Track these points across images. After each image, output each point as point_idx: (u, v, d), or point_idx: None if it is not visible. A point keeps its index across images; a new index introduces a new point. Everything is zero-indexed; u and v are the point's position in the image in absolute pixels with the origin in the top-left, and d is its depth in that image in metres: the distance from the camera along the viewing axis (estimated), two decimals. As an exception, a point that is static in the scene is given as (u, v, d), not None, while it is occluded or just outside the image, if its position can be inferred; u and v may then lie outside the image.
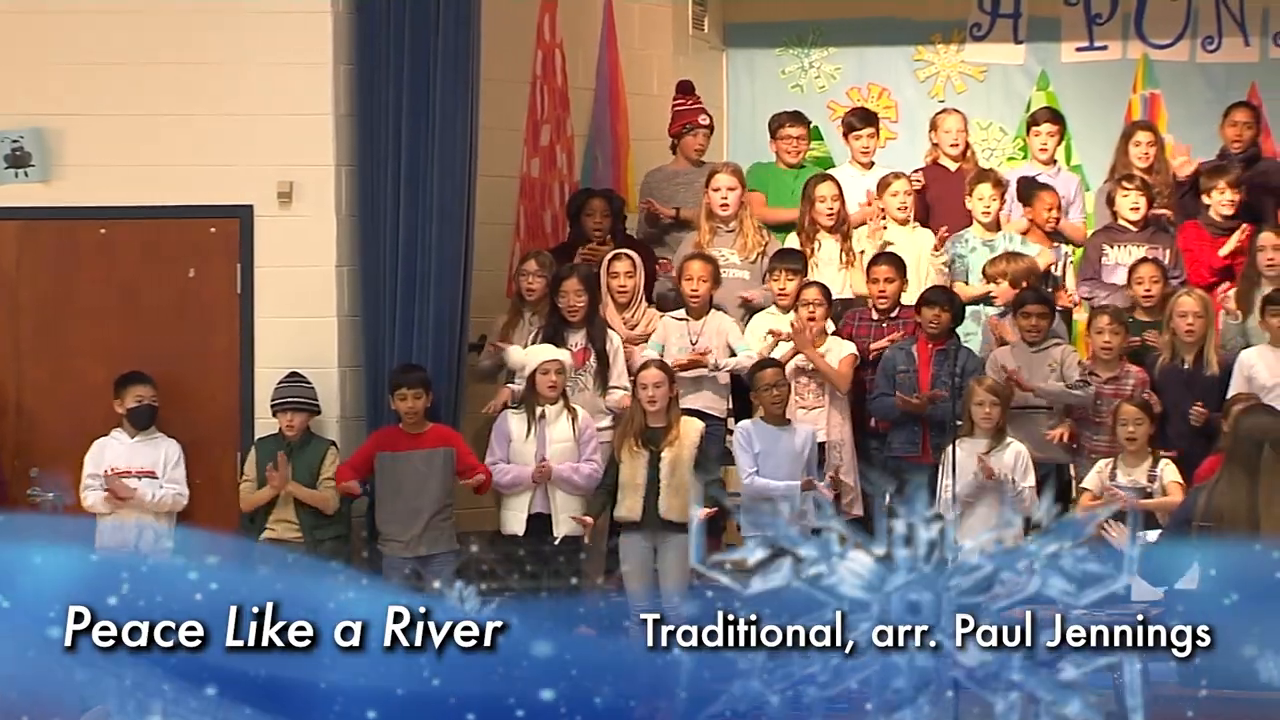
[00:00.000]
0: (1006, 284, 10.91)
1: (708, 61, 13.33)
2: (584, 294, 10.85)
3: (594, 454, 10.58)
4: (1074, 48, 13.05)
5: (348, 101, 10.84)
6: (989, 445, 10.12)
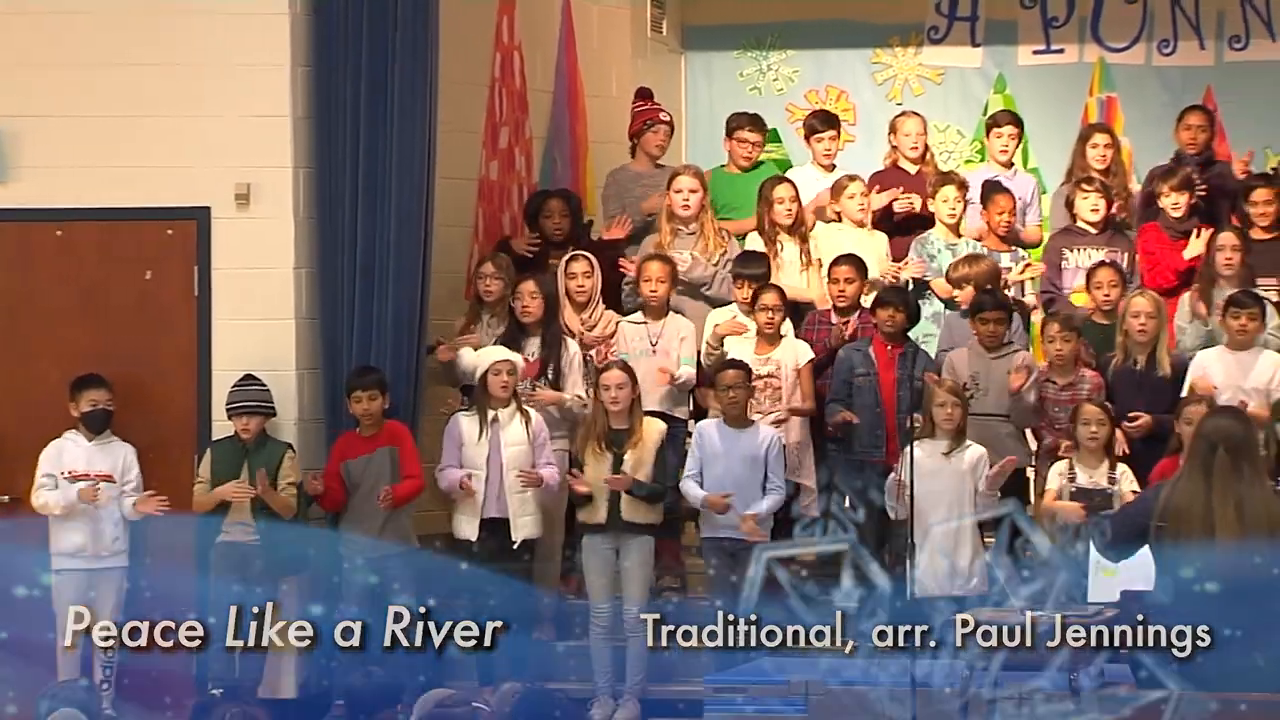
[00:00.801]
0: (970, 288, 10.93)
1: (666, 64, 13.34)
2: (539, 297, 10.85)
3: (551, 457, 10.58)
4: (1030, 51, 13.09)
5: (305, 103, 10.83)
6: (949, 446, 10.14)
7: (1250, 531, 7.35)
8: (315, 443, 10.76)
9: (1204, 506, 7.40)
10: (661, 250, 11.24)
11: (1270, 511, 7.41)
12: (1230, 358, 10.40)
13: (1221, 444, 7.47)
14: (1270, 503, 7.44)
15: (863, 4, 13.19)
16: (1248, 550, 7.32)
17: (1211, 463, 7.45)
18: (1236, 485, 7.41)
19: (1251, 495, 7.41)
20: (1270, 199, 11.11)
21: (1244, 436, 7.53)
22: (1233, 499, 7.39)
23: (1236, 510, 7.38)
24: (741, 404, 10.45)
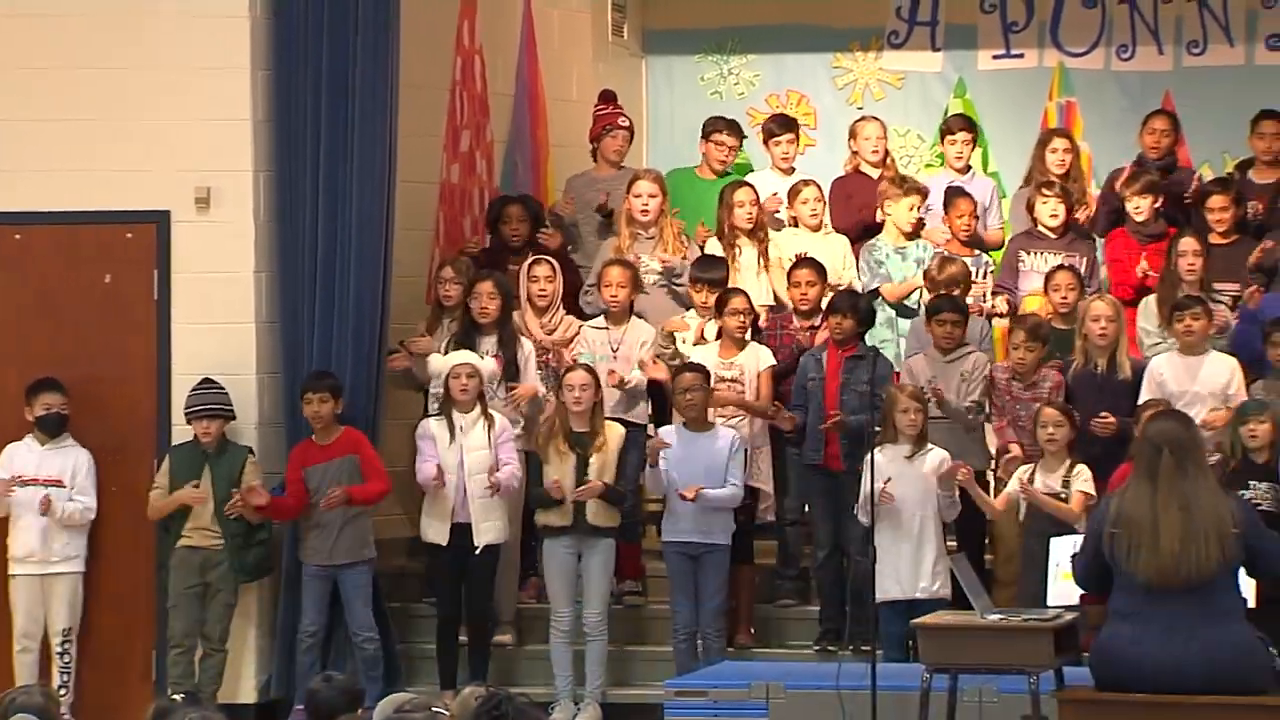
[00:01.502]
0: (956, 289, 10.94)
1: (627, 68, 13.34)
2: (497, 298, 10.84)
3: (512, 455, 10.56)
4: (990, 55, 13.11)
5: (266, 107, 10.81)
6: (912, 451, 10.16)
7: (1198, 532, 7.37)
8: (275, 447, 10.74)
9: (1151, 510, 7.43)
10: (621, 255, 11.24)
11: (1217, 512, 7.43)
12: (1180, 362, 10.43)
13: (1166, 446, 7.50)
14: (1216, 503, 7.46)
15: (823, 9, 13.20)
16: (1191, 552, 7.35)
17: (1157, 466, 7.48)
18: (1181, 486, 7.43)
19: (1197, 496, 7.43)
20: (1227, 204, 11.15)
21: (1188, 438, 7.55)
22: (1177, 501, 7.41)
23: (1183, 512, 7.40)
24: (700, 406, 10.46)
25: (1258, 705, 7.47)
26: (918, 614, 8.89)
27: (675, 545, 10.44)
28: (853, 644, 10.24)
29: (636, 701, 10.45)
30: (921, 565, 10.09)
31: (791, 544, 11.04)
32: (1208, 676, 7.36)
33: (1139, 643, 7.41)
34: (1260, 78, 12.68)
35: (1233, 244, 11.13)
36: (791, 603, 11.01)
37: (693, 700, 9.02)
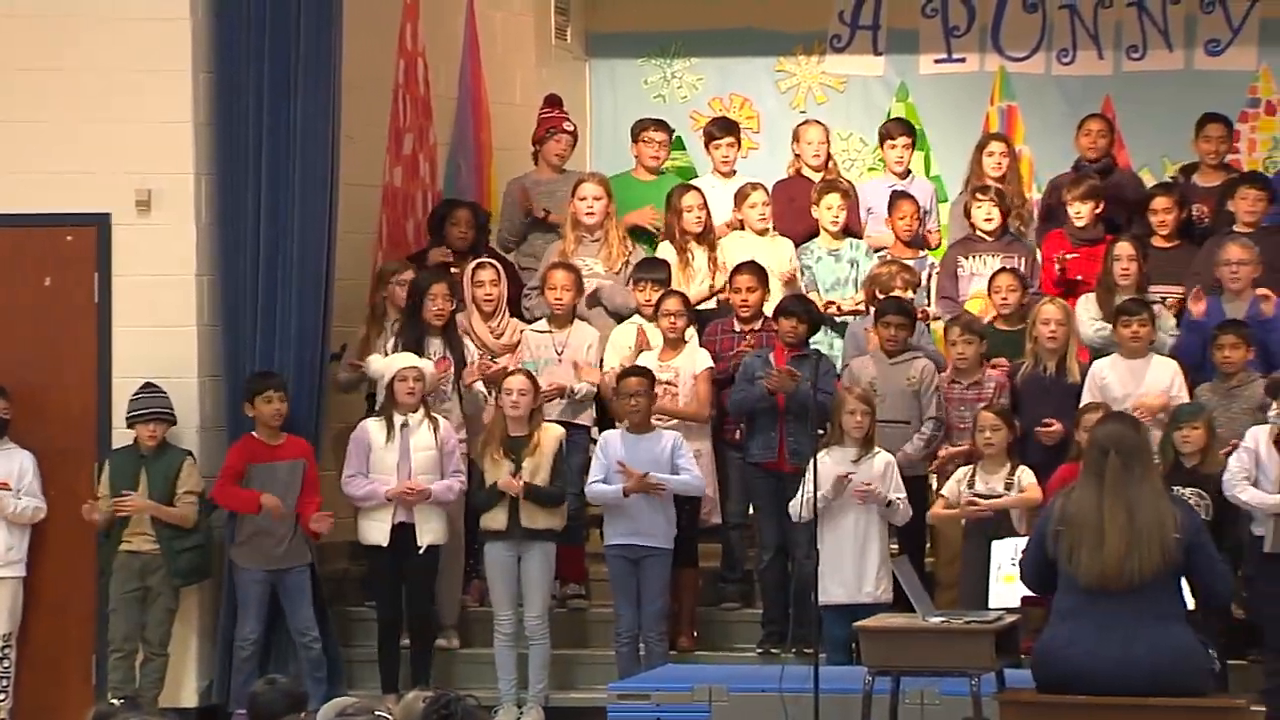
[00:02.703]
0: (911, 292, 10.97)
1: (570, 71, 13.34)
2: (450, 299, 10.84)
3: (459, 465, 10.56)
4: (932, 60, 13.15)
5: (207, 109, 10.77)
6: (858, 454, 10.18)
7: (1141, 535, 7.41)
8: (216, 451, 10.70)
9: (1096, 512, 7.46)
10: (566, 258, 11.24)
11: (1161, 515, 7.47)
12: (1124, 365, 10.48)
13: (1113, 449, 7.54)
14: (1161, 506, 7.50)
15: (766, 12, 13.22)
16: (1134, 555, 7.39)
17: (1104, 468, 7.51)
18: (1128, 489, 7.47)
19: (1142, 499, 7.46)
20: (1170, 206, 11.20)
21: (1136, 441, 7.59)
22: (1124, 504, 7.45)
23: (1128, 514, 7.44)
24: (644, 411, 10.46)
25: (1196, 707, 7.51)
26: (862, 617, 8.91)
27: (617, 549, 10.44)
28: (795, 647, 10.27)
29: (579, 705, 10.44)
30: (865, 569, 10.11)
31: (735, 547, 11.05)
32: (1149, 678, 7.40)
33: (1077, 644, 7.45)
34: (1199, 82, 12.77)
35: (1175, 248, 11.18)
36: (734, 606, 11.02)
37: (635, 703, 9.03)
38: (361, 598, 11.17)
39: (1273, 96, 12.80)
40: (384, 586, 10.65)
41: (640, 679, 9.53)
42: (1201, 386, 10.36)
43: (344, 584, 11.23)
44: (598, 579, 11.04)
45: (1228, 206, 11.20)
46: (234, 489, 10.43)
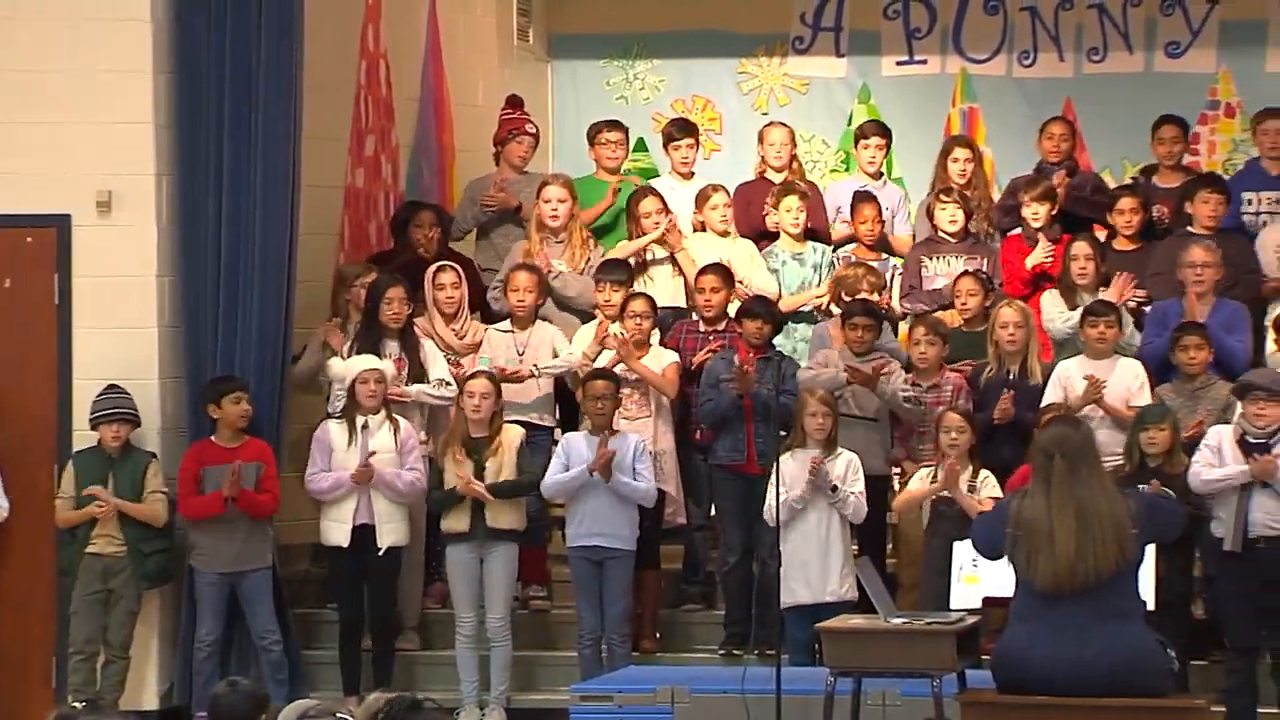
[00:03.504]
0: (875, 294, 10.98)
1: (532, 72, 13.34)
2: (408, 302, 10.83)
3: (416, 462, 10.55)
4: (894, 61, 13.18)
5: (168, 110, 10.74)
6: (821, 455, 10.19)
7: (1093, 535, 7.43)
8: (177, 452, 10.68)
9: (1046, 516, 7.49)
10: (530, 259, 11.24)
11: (1114, 514, 7.48)
12: (1090, 367, 10.51)
13: (1057, 452, 7.56)
14: (1111, 504, 7.51)
15: (728, 14, 13.24)
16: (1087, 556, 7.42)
17: (1050, 472, 7.54)
18: (1075, 491, 7.49)
19: (1093, 500, 7.48)
20: (1136, 208, 11.24)
21: (1080, 442, 7.62)
22: (1072, 506, 7.47)
23: (1077, 516, 7.46)
24: (609, 414, 10.46)
25: (1156, 707, 7.53)
26: (826, 618, 8.92)
27: (580, 550, 10.44)
28: (758, 648, 10.28)
29: (542, 706, 10.44)
30: (829, 569, 10.12)
31: (698, 549, 11.05)
32: (1107, 678, 7.43)
33: (1036, 646, 7.47)
34: (1159, 84, 12.82)
35: (1137, 250, 11.22)
36: (697, 607, 11.03)
37: (598, 705, 9.03)
38: (322, 599, 11.15)
39: (1232, 99, 12.86)
40: (346, 588, 10.63)
41: (602, 680, 9.53)
42: (1164, 387, 10.40)
43: (305, 585, 11.21)
44: (560, 580, 11.04)
45: (1186, 209, 11.25)
46: (195, 500, 10.40)
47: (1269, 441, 9.61)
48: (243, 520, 10.43)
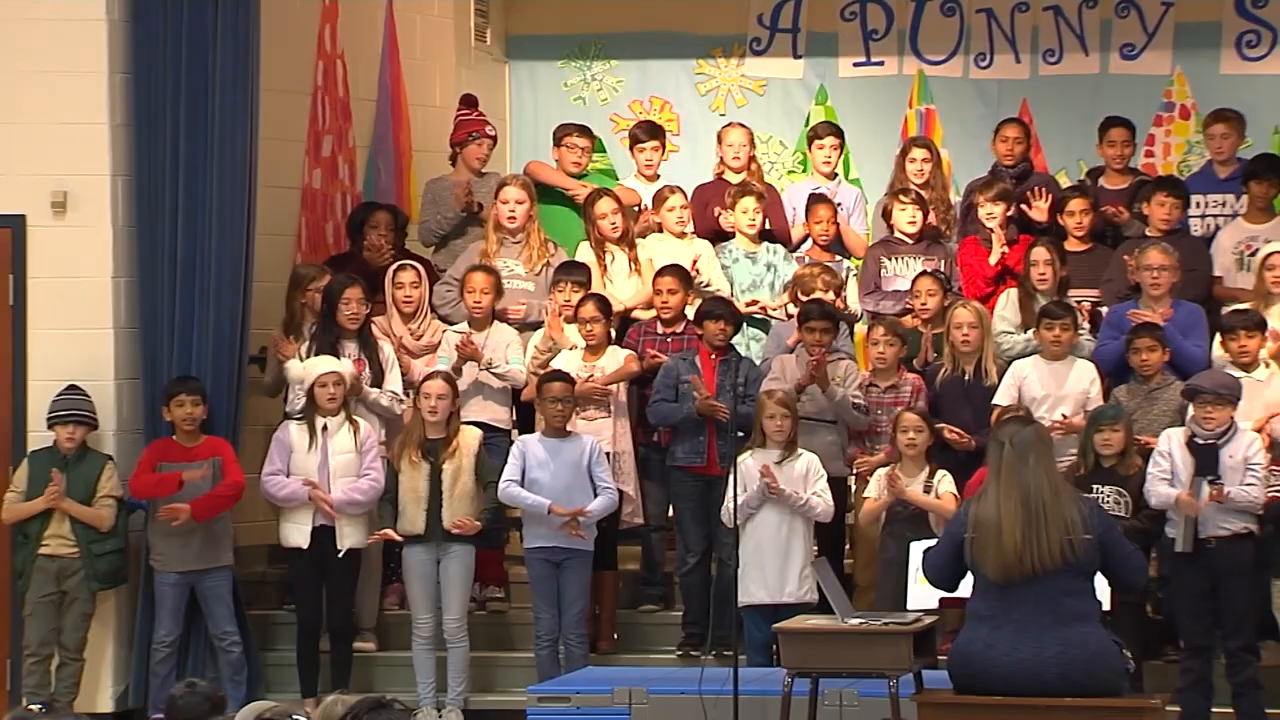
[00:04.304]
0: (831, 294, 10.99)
1: (490, 73, 13.33)
2: (366, 303, 10.82)
3: (374, 464, 10.53)
4: (851, 63, 13.20)
5: (124, 110, 10.71)
6: (781, 456, 10.20)
7: (1036, 521, 7.44)
8: (134, 454, 10.65)
9: (995, 506, 7.51)
10: (488, 260, 11.23)
11: (1060, 503, 7.49)
12: (1045, 368, 10.54)
13: (1008, 441, 7.59)
14: (1059, 496, 7.52)
15: (686, 16, 13.24)
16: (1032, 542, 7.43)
17: (999, 461, 7.57)
18: (1021, 478, 7.50)
19: (1039, 488, 7.48)
20: (1087, 209, 11.28)
21: (1029, 434, 7.64)
22: (1016, 490, 7.49)
23: (1021, 504, 7.48)
24: (567, 415, 10.46)
25: (1112, 707, 7.56)
26: (785, 618, 8.94)
27: (537, 551, 10.44)
28: (715, 649, 10.28)
29: (499, 708, 10.44)
30: (788, 570, 10.13)
31: (655, 550, 11.06)
32: (1064, 678, 7.45)
33: (993, 646, 7.49)
34: (1114, 86, 12.86)
35: (1088, 251, 11.27)
36: (654, 608, 11.03)
37: (555, 706, 9.03)
38: (280, 600, 11.13)
39: (1187, 100, 12.90)
40: (304, 589, 10.61)
41: (560, 681, 9.54)
42: (1119, 389, 10.44)
43: (262, 587, 11.19)
44: (517, 581, 11.03)
45: (1142, 210, 11.29)
46: (148, 475, 10.37)
47: (1217, 444, 9.66)
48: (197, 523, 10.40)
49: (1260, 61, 12.82)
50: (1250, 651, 9.70)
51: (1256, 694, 9.65)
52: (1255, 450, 9.68)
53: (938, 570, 7.74)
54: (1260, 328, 10.26)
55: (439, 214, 11.64)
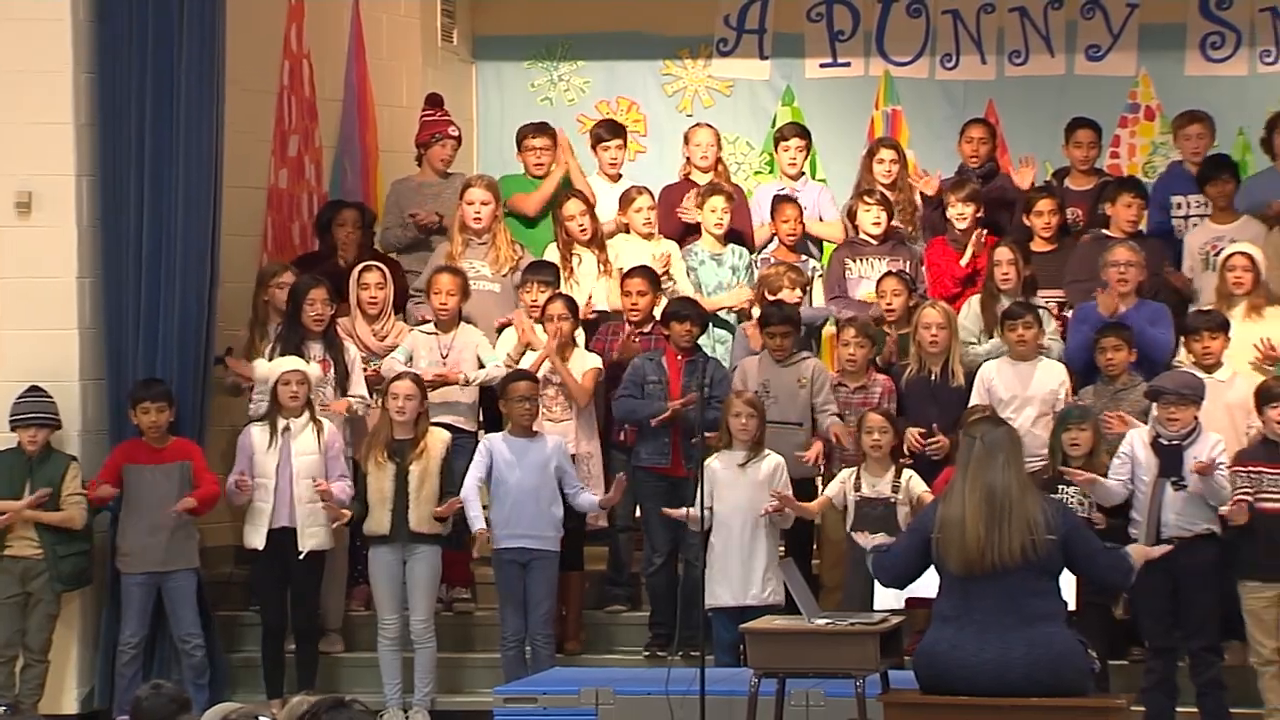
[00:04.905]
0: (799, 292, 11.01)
1: (457, 73, 13.33)
2: (330, 304, 10.80)
3: (344, 470, 10.51)
4: (818, 64, 13.22)
5: (89, 110, 10.68)
6: (747, 457, 10.21)
7: (1000, 517, 7.46)
8: (99, 455, 10.62)
9: (960, 501, 7.53)
10: (453, 261, 11.22)
11: (1024, 501, 7.51)
12: (1011, 369, 10.57)
13: (979, 438, 7.62)
14: (1024, 494, 7.53)
15: (653, 16, 13.25)
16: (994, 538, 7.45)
17: (968, 457, 7.60)
18: (987, 475, 7.52)
19: (1006, 486, 7.50)
20: (1054, 209, 11.31)
21: (1002, 433, 7.66)
22: (982, 485, 7.51)
23: (985, 497, 7.49)
24: (533, 414, 10.46)
25: (1077, 707, 7.58)
26: (751, 620, 8.94)
27: (504, 552, 10.43)
28: (682, 649, 10.29)
29: (465, 709, 10.43)
30: (753, 572, 10.14)
31: (622, 550, 11.06)
32: (1030, 678, 7.47)
33: (959, 646, 7.51)
34: (1080, 87, 12.90)
35: (1054, 251, 11.30)
36: (621, 609, 11.03)
37: (522, 707, 9.03)
38: (246, 602, 11.11)
39: (1152, 101, 12.95)
40: (267, 591, 10.59)
41: (526, 682, 9.53)
42: (1085, 389, 10.46)
43: (228, 588, 11.16)
44: (484, 582, 11.03)
45: (1105, 211, 11.33)
46: (92, 482, 10.34)
47: (1182, 445, 9.69)
48: (166, 522, 10.37)
49: (1224, 63, 12.87)
50: (1214, 652, 9.73)
51: (1221, 694, 9.69)
52: (1220, 451, 9.72)
53: (897, 566, 7.75)
54: (1223, 329, 10.29)
55: (402, 219, 11.64)
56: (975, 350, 10.78)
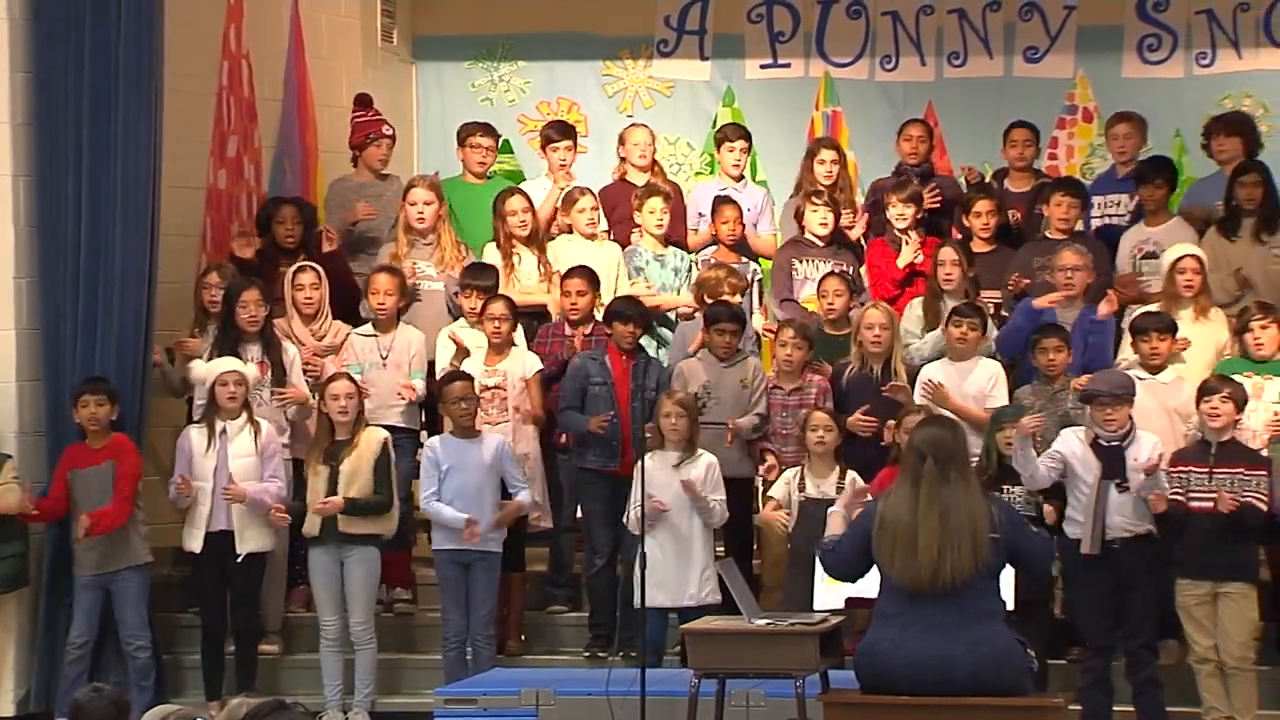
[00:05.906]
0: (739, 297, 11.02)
1: (397, 73, 13.30)
2: (264, 305, 10.76)
3: (278, 470, 10.48)
4: (758, 65, 13.25)
5: (26, 110, 10.62)
6: (680, 457, 10.21)
7: (953, 539, 7.50)
8: (36, 455, 10.56)
9: (911, 516, 7.56)
10: (397, 262, 11.20)
11: (974, 517, 7.56)
12: (952, 368, 10.62)
13: (930, 453, 7.64)
14: (974, 508, 7.59)
15: (593, 17, 13.26)
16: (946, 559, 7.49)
17: (920, 472, 7.61)
18: (942, 493, 7.57)
19: (957, 503, 7.56)
20: (993, 210, 11.36)
21: (952, 445, 7.70)
22: (937, 509, 7.55)
23: (941, 520, 7.54)
24: (472, 414, 10.44)
25: (1016, 706, 7.62)
26: (689, 621, 8.95)
27: (446, 553, 10.41)
28: (622, 650, 10.29)
29: (406, 710, 10.41)
30: (689, 572, 10.14)
31: (563, 551, 11.06)
32: (969, 678, 7.50)
33: (900, 645, 7.54)
34: (1018, 89, 12.95)
35: (993, 252, 11.34)
36: (562, 610, 11.03)
37: (463, 708, 9.03)
38: (185, 603, 11.06)
39: (1089, 103, 13.01)
40: (206, 593, 10.55)
41: (467, 683, 9.53)
42: (1022, 389, 10.50)
43: (168, 590, 11.11)
44: (424, 583, 11.01)
45: (1042, 211, 11.38)
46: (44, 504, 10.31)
47: (1122, 445, 9.74)
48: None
49: (1161, 65, 12.94)
50: (1150, 650, 9.79)
51: (1157, 692, 9.74)
52: (1158, 452, 9.79)
53: (846, 563, 7.78)
54: (1171, 330, 10.35)
55: (342, 221, 11.61)
56: (917, 345, 10.80)
